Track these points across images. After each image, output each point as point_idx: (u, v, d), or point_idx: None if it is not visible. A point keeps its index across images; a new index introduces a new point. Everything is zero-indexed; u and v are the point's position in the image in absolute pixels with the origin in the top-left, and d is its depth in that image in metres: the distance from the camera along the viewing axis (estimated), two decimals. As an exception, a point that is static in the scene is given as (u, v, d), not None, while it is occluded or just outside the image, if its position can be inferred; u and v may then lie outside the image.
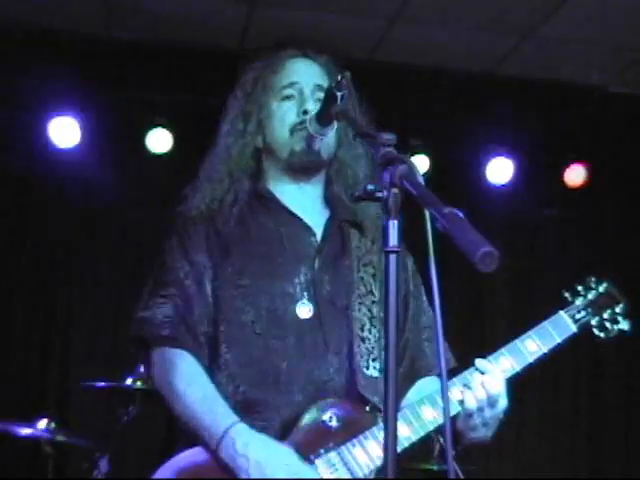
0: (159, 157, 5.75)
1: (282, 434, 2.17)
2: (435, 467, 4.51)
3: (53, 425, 4.25)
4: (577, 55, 5.73)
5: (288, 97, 2.40)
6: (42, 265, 5.70)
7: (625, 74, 5.94)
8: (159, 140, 5.71)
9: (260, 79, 2.45)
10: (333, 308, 2.30)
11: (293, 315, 2.26)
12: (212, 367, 2.25)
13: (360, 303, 2.32)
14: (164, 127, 5.69)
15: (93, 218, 5.75)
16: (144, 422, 4.43)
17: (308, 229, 2.37)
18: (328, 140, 2.36)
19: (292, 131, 2.35)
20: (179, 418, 2.21)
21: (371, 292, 2.35)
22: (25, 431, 4.19)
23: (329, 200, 2.46)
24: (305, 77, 2.42)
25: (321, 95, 2.32)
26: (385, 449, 1.59)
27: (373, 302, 2.33)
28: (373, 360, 2.27)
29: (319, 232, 2.38)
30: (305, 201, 2.41)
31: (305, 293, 2.28)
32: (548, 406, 6.25)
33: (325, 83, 2.41)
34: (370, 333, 2.30)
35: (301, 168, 2.38)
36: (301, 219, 2.37)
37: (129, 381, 4.33)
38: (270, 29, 5.36)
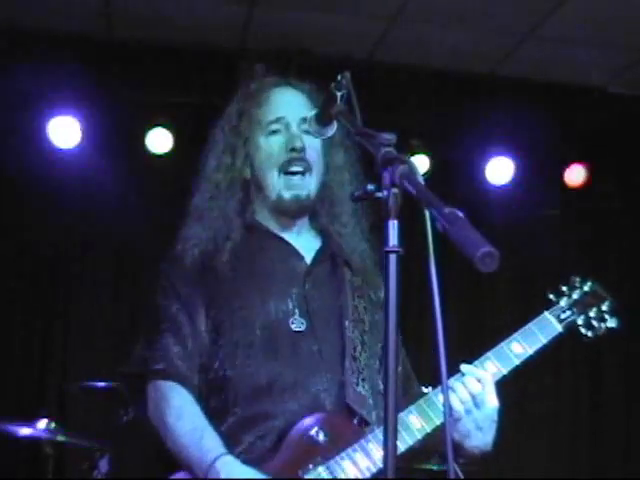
0: (159, 157, 5.75)
1: (277, 443, 2.18)
2: (435, 467, 4.51)
3: (53, 425, 4.25)
4: (577, 55, 5.73)
5: (275, 131, 2.42)
6: (42, 265, 5.70)
7: (625, 74, 5.94)
8: (159, 140, 5.71)
9: (245, 112, 2.46)
10: (325, 322, 2.33)
11: (287, 329, 2.28)
12: (212, 394, 2.27)
13: (354, 326, 2.35)
14: (164, 127, 5.69)
15: (93, 218, 5.74)
16: (144, 422, 4.42)
17: (296, 253, 2.40)
18: (317, 173, 2.40)
19: (280, 170, 2.37)
20: (171, 450, 2.22)
21: (362, 321, 2.37)
22: (25, 431, 4.19)
23: (319, 231, 2.49)
24: (291, 110, 2.44)
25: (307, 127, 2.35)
26: (385, 449, 1.59)
27: (364, 330, 2.36)
28: (362, 380, 2.29)
29: (309, 257, 2.41)
30: (293, 230, 2.45)
31: (297, 310, 2.31)
32: (548, 406, 6.24)
33: (310, 113, 2.42)
34: (361, 355, 2.32)
35: (288, 212, 2.42)
36: (289, 244, 2.41)
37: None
38: (270, 29, 5.37)
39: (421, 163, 5.77)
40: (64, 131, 5.55)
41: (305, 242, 2.45)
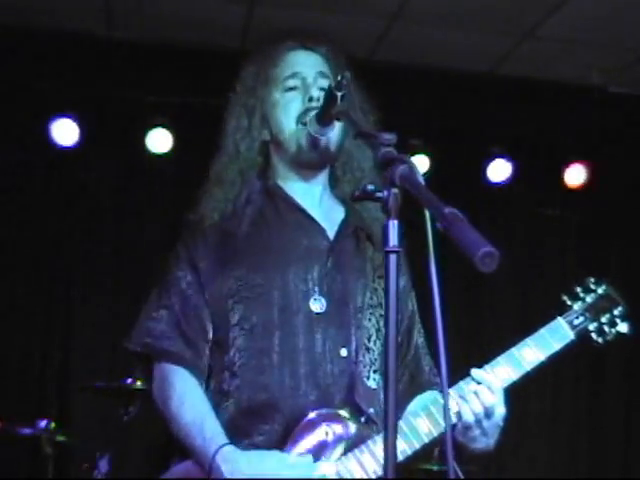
0: (159, 157, 5.75)
1: (285, 438, 2.16)
2: (435, 467, 4.52)
3: (53, 425, 4.26)
4: (577, 55, 5.73)
5: (291, 88, 2.38)
6: (42, 265, 5.70)
7: (625, 74, 5.94)
8: (159, 140, 5.71)
9: (261, 73, 2.43)
10: (344, 307, 2.28)
11: (306, 310, 2.24)
12: (221, 374, 2.25)
13: (371, 313, 2.32)
14: (164, 127, 5.69)
15: (93, 218, 5.74)
16: (144, 422, 4.43)
17: (320, 228, 2.35)
18: (336, 127, 2.32)
19: (298, 121, 2.33)
20: (175, 436, 2.22)
21: (380, 305, 2.33)
22: (25, 431, 4.20)
23: (341, 200, 2.45)
24: (306, 66, 2.40)
25: (324, 83, 2.34)
26: (385, 450, 1.58)
27: (381, 315, 2.32)
28: (374, 372, 2.27)
29: (332, 231, 2.36)
30: (315, 197, 2.39)
31: (317, 288, 2.26)
32: (548, 406, 6.25)
33: (326, 70, 2.40)
34: (375, 345, 2.29)
35: (308, 164, 2.37)
36: (313, 218, 2.35)
37: (129, 381, 4.33)
38: (270, 29, 5.35)
39: (421, 163, 5.77)
40: (64, 131, 5.55)
41: (327, 212, 2.39)
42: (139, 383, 4.30)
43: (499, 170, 6.08)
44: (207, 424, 2.16)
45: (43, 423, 4.23)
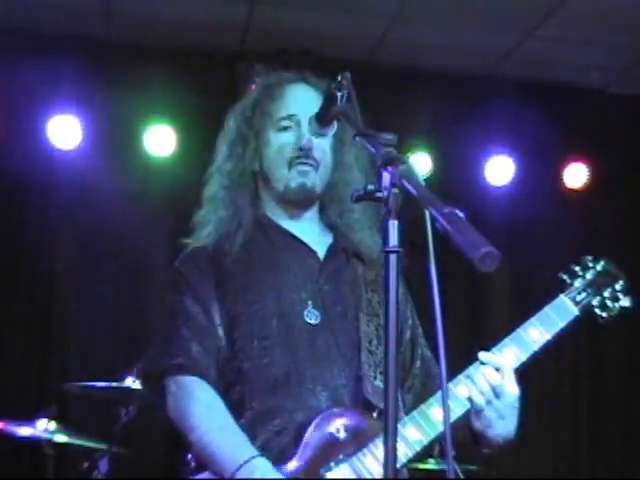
0: (159, 158, 5.74)
1: (297, 438, 2.18)
2: (435, 467, 4.51)
3: (53, 425, 4.25)
4: (577, 55, 5.73)
5: (286, 128, 2.44)
6: (42, 265, 5.70)
7: (625, 74, 5.94)
8: (159, 140, 5.71)
9: (259, 105, 2.50)
10: (340, 316, 2.34)
11: (302, 321, 2.29)
12: (229, 386, 2.28)
13: (369, 320, 2.35)
14: (165, 127, 5.68)
15: (93, 218, 5.74)
16: (144, 422, 4.43)
17: (309, 249, 2.42)
18: (323, 171, 2.42)
19: (289, 166, 2.40)
20: (193, 445, 2.22)
21: (377, 315, 2.37)
22: (25, 431, 4.19)
23: (329, 226, 2.51)
24: (303, 107, 2.44)
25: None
26: (385, 449, 1.59)
27: (379, 324, 2.35)
28: (380, 373, 2.29)
29: (321, 253, 2.43)
30: (302, 225, 2.46)
31: (310, 302, 2.32)
32: (548, 405, 6.24)
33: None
34: (377, 349, 2.32)
35: (296, 203, 2.44)
36: (301, 241, 2.42)
37: (129, 381, 4.33)
38: (270, 29, 5.37)
39: (421, 163, 5.77)
40: (64, 131, 5.55)
41: (316, 237, 2.46)
42: (139, 383, 4.29)
43: (499, 170, 6.08)
44: (238, 433, 2.18)
45: (43, 423, 4.22)
